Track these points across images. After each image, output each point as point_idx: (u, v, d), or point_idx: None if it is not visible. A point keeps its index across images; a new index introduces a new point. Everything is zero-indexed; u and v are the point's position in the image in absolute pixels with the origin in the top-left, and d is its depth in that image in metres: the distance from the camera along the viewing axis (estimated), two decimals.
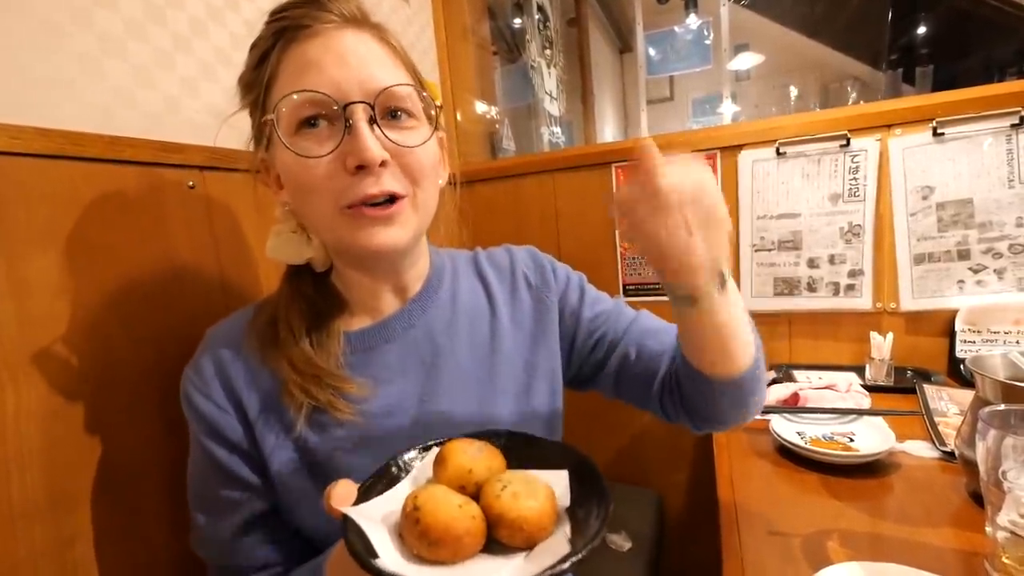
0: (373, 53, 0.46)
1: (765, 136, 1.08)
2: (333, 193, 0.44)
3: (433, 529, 0.31)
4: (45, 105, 0.53)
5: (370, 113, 0.44)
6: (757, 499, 0.67)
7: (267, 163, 0.50)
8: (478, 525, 0.33)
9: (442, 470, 0.37)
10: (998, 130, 0.91)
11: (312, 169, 0.44)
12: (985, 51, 2.74)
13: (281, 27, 0.45)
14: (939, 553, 0.53)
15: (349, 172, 0.43)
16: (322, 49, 0.44)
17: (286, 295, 0.53)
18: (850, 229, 1.05)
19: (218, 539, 0.50)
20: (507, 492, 0.34)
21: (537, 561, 0.32)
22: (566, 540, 0.33)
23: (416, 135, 0.47)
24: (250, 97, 0.49)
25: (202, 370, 0.50)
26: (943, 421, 0.78)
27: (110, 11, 0.59)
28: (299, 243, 0.52)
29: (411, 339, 0.54)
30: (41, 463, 0.51)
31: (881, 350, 0.98)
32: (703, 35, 3.14)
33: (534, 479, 0.37)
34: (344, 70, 0.44)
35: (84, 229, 0.55)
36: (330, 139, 0.44)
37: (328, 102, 0.43)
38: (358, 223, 0.45)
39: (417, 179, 0.47)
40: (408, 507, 0.32)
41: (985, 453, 0.47)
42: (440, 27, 1.38)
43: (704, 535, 1.22)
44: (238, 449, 0.49)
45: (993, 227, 0.95)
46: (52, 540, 0.51)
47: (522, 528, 0.33)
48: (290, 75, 0.45)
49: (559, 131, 2.45)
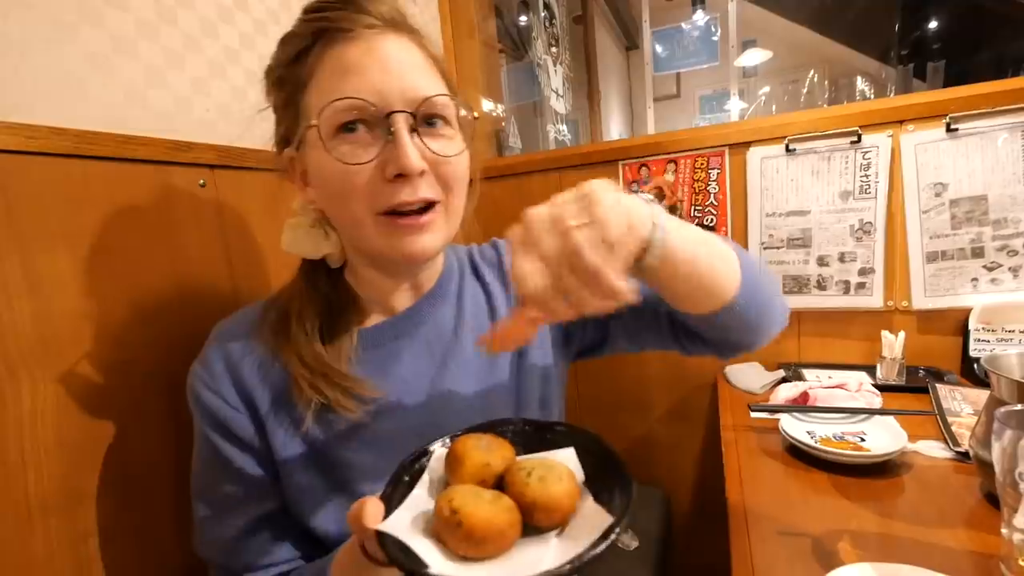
0: (414, 60, 0.46)
1: (774, 133, 1.07)
2: (369, 198, 0.44)
3: (477, 529, 0.32)
4: (58, 105, 0.53)
5: (411, 122, 0.44)
6: (766, 499, 0.66)
7: (293, 161, 0.50)
8: (516, 516, 0.34)
9: (460, 468, 0.37)
10: (1014, 125, 0.90)
11: (351, 175, 0.44)
12: (998, 46, 2.70)
13: (321, 27, 0.45)
14: (953, 555, 0.52)
15: (387, 179, 0.44)
16: (364, 54, 0.44)
17: (301, 290, 0.53)
18: (861, 227, 1.04)
19: (223, 539, 0.50)
20: (534, 478, 0.35)
21: (578, 536, 0.33)
22: (599, 510, 0.35)
23: (453, 145, 0.47)
24: (282, 94, 0.48)
25: (211, 365, 0.50)
26: (956, 421, 0.77)
27: (121, 11, 0.59)
28: (317, 238, 0.52)
29: (421, 335, 0.54)
30: (57, 460, 0.51)
31: (893, 349, 0.96)
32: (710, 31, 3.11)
33: (551, 461, 0.38)
34: (387, 77, 0.43)
35: (97, 227, 0.55)
36: (370, 145, 0.44)
37: (371, 109, 0.43)
38: (392, 231, 0.45)
39: (451, 187, 0.47)
40: (445, 512, 0.33)
41: (1001, 454, 0.47)
42: (447, 24, 1.38)
43: (712, 534, 1.22)
44: (248, 446, 0.50)
45: (1008, 224, 0.93)
46: (67, 535, 0.52)
47: (558, 509, 0.34)
48: (330, 78, 0.44)
49: (565, 129, 2.44)
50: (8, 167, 0.48)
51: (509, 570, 0.31)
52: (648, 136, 1.27)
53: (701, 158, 1.14)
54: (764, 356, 1.15)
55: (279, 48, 0.48)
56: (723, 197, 1.14)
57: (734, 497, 0.67)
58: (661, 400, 1.28)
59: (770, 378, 1.04)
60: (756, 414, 0.87)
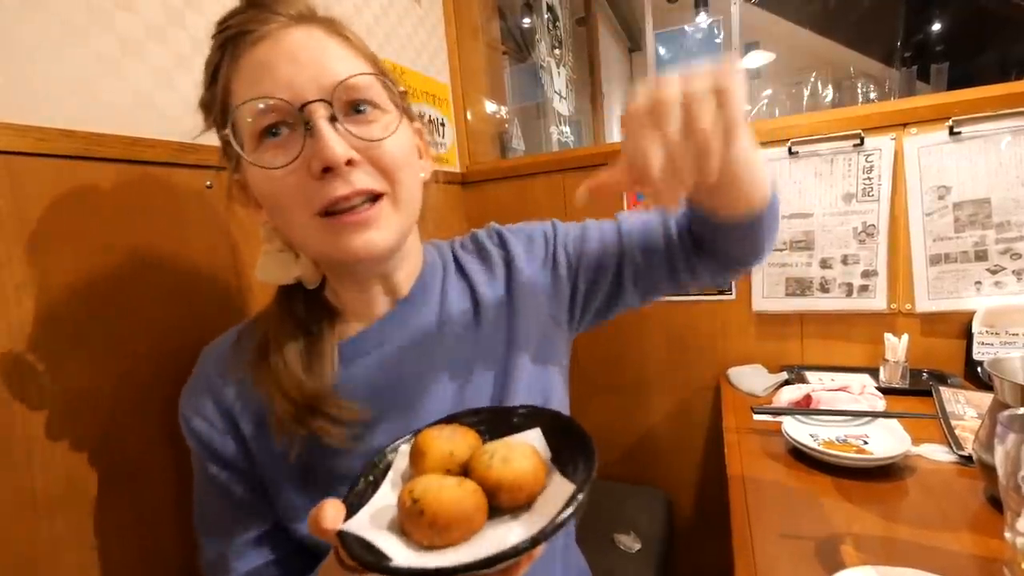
0: (325, 46, 0.43)
1: (777, 135, 1.07)
2: (304, 201, 0.42)
3: (441, 515, 0.31)
4: (67, 107, 0.54)
5: (330, 111, 0.41)
6: (769, 501, 0.66)
7: (242, 183, 0.48)
8: (481, 498, 0.33)
9: (423, 460, 0.37)
10: (1017, 128, 0.90)
11: (279, 180, 0.41)
12: (1002, 48, 2.69)
13: (225, 37, 0.43)
14: (956, 558, 0.52)
15: (315, 176, 0.41)
16: (271, 51, 0.42)
17: (276, 317, 0.51)
18: (864, 229, 1.04)
19: (220, 558, 0.50)
20: (496, 459, 0.35)
21: (545, 511, 0.33)
22: (565, 483, 0.35)
23: (383, 127, 0.44)
24: (210, 118, 0.46)
25: (197, 390, 0.50)
26: (960, 424, 0.77)
27: (130, 13, 0.60)
28: (286, 262, 0.51)
29: (405, 341, 0.53)
30: (63, 458, 0.52)
31: (896, 352, 0.96)
32: (713, 34, 3.11)
33: (514, 443, 0.38)
34: (296, 68, 0.41)
35: (104, 229, 0.56)
36: (293, 145, 0.41)
37: (284, 106, 0.41)
38: (335, 230, 0.42)
39: (392, 174, 0.44)
40: (407, 503, 0.32)
41: (1004, 457, 0.47)
42: (451, 27, 1.39)
43: (714, 536, 1.22)
44: (237, 470, 0.49)
45: (1011, 227, 0.93)
46: (72, 531, 0.52)
47: (522, 487, 0.34)
48: (243, 84, 0.42)
49: (568, 131, 2.44)
50: (18, 168, 0.48)
51: (473, 552, 0.30)
52: None
53: None
54: (767, 358, 1.15)
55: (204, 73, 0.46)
56: None
57: (736, 499, 0.67)
58: (663, 402, 1.29)
59: (773, 380, 1.04)
60: (759, 416, 0.87)
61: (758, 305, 1.14)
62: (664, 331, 1.25)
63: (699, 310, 1.21)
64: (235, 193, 0.49)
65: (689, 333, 1.23)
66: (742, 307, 1.16)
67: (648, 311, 1.25)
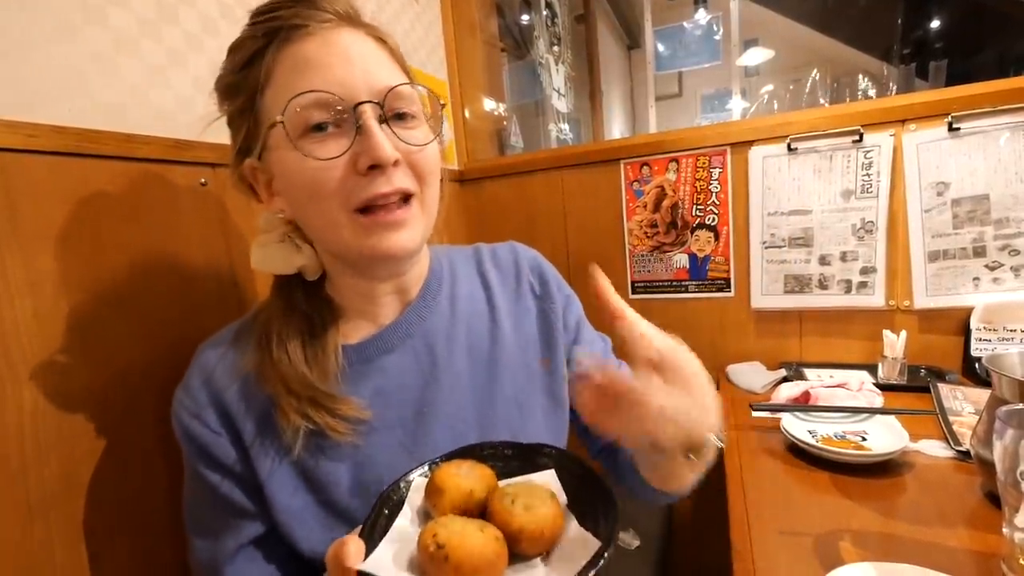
0: (372, 52, 0.45)
1: (776, 132, 1.06)
2: (342, 195, 0.43)
3: (467, 562, 0.31)
4: (60, 103, 0.53)
5: (379, 112, 0.43)
6: (768, 498, 0.66)
7: (256, 171, 0.48)
8: (503, 546, 0.33)
9: (441, 499, 0.37)
10: (1015, 125, 0.90)
11: (323, 172, 0.42)
12: (1000, 45, 2.69)
13: (274, 27, 0.43)
14: (954, 554, 0.52)
15: (360, 172, 0.42)
16: (322, 48, 0.43)
17: (278, 309, 0.50)
18: (863, 226, 1.03)
19: (212, 562, 0.49)
20: (519, 505, 0.35)
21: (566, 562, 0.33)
22: (584, 535, 0.34)
23: (422, 134, 0.46)
24: (237, 101, 0.46)
25: (193, 392, 0.48)
26: (958, 420, 0.77)
27: (124, 10, 0.59)
28: (288, 252, 0.50)
29: (409, 349, 0.52)
30: (57, 456, 0.51)
31: (894, 348, 0.96)
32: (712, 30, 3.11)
33: (534, 485, 0.38)
34: (350, 68, 0.43)
35: (98, 227, 0.55)
36: (341, 140, 0.42)
37: (337, 102, 0.42)
38: (369, 229, 0.44)
39: (424, 178, 0.46)
40: (430, 547, 0.32)
41: (1002, 453, 0.47)
42: (448, 24, 1.38)
43: (713, 533, 1.22)
44: (232, 473, 0.48)
45: (1010, 223, 0.93)
46: (66, 531, 0.52)
47: (543, 535, 0.34)
48: (290, 76, 0.43)
49: (567, 128, 2.44)
50: (9, 165, 0.48)
51: None
52: (650, 135, 1.27)
53: (703, 157, 1.14)
54: (765, 355, 1.15)
55: (229, 56, 0.47)
56: (725, 196, 1.14)
57: (735, 496, 0.67)
58: None
59: (771, 377, 1.04)
60: (757, 413, 0.87)
61: (757, 302, 1.14)
62: (663, 328, 1.23)
63: (697, 307, 1.21)
64: (247, 179, 0.49)
65: (688, 330, 1.22)
66: (741, 304, 1.16)
67: (646, 308, 1.25)
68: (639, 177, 1.20)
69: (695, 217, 1.17)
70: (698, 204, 1.16)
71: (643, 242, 1.23)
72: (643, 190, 1.20)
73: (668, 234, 1.20)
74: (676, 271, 1.21)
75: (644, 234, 1.22)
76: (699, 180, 1.15)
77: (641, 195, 1.21)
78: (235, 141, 0.48)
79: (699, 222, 1.17)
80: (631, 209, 1.22)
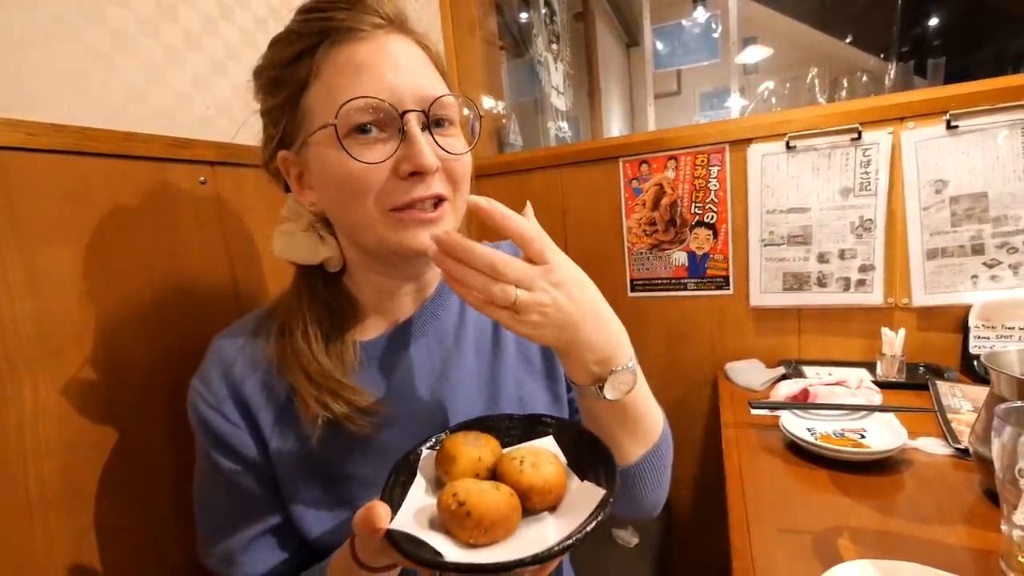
0: (419, 60, 0.47)
1: (774, 130, 1.06)
2: (381, 196, 0.44)
3: (487, 516, 0.34)
4: (59, 101, 0.53)
5: (423, 120, 0.45)
6: (767, 496, 0.66)
7: (289, 164, 0.49)
8: (517, 500, 0.36)
9: (454, 465, 0.39)
10: (1014, 122, 0.90)
11: (367, 174, 0.43)
12: (999, 42, 2.69)
13: (326, 27, 0.44)
14: (952, 551, 0.53)
15: (402, 177, 0.44)
16: (375, 53, 0.44)
17: (301, 299, 0.52)
18: (861, 224, 1.04)
19: (225, 550, 0.50)
20: (527, 465, 0.38)
21: (573, 512, 0.36)
22: (588, 486, 0.38)
23: (459, 143, 0.48)
24: (280, 94, 0.47)
25: (212, 383, 0.49)
26: (956, 418, 0.78)
27: (122, 8, 0.59)
28: (313, 242, 0.52)
29: (423, 346, 0.54)
30: (58, 457, 0.51)
31: (893, 346, 0.97)
32: (711, 28, 3.10)
33: (537, 448, 0.42)
34: (399, 75, 0.44)
35: (97, 225, 0.55)
36: (384, 144, 0.44)
37: (386, 108, 0.43)
38: (403, 224, 0.45)
39: (459, 184, 0.48)
40: (452, 505, 0.35)
41: (1001, 450, 0.47)
42: (447, 22, 1.38)
43: (712, 531, 1.22)
44: (249, 463, 0.49)
45: (1008, 221, 0.93)
46: (68, 530, 0.52)
47: (551, 490, 0.38)
48: (340, 77, 0.44)
49: (566, 126, 2.43)
50: (9, 164, 0.48)
51: (518, 550, 0.33)
52: (648, 133, 1.27)
53: (702, 155, 1.14)
54: (764, 353, 1.15)
55: (273, 48, 0.48)
56: (723, 194, 1.14)
57: (734, 494, 0.67)
58: (662, 397, 1.27)
59: (770, 375, 1.04)
60: (756, 411, 0.87)
61: (756, 300, 1.14)
62: (662, 326, 1.25)
63: (697, 305, 1.21)
64: (280, 169, 0.50)
65: (687, 328, 1.23)
66: (740, 302, 1.16)
67: (645, 306, 1.25)
68: (638, 175, 1.20)
69: (694, 215, 1.17)
70: (697, 202, 1.16)
71: (642, 240, 1.23)
72: (642, 188, 1.20)
73: (667, 232, 1.20)
74: (675, 269, 1.21)
75: (643, 232, 1.22)
76: (698, 178, 1.15)
77: (640, 193, 1.21)
78: (270, 132, 0.49)
79: (698, 220, 1.17)
80: (630, 207, 1.22)
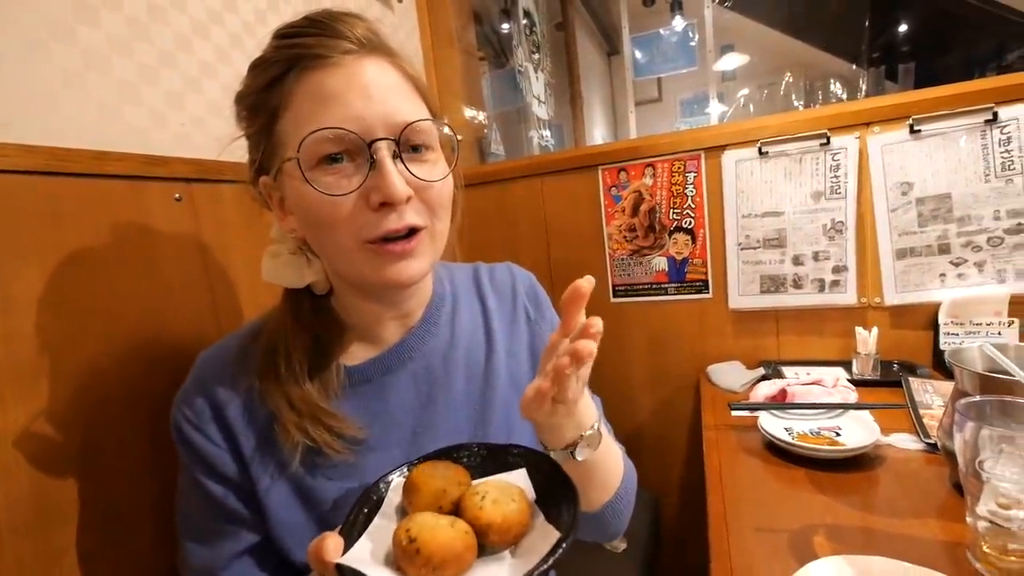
0: (394, 83, 0.45)
1: (747, 136, 1.09)
2: (353, 228, 0.43)
3: (436, 554, 0.33)
4: (30, 122, 0.53)
5: (394, 149, 0.43)
6: (746, 496, 0.67)
7: (270, 189, 0.48)
8: (472, 539, 0.35)
9: (417, 497, 0.39)
10: (972, 126, 0.93)
11: (334, 206, 0.42)
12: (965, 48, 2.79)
13: (296, 54, 0.43)
14: (924, 544, 0.54)
15: (372, 208, 0.43)
16: (344, 81, 0.43)
17: (286, 324, 0.51)
18: (833, 226, 1.06)
19: (208, 568, 0.50)
20: (488, 501, 0.37)
21: (531, 553, 0.35)
22: (548, 527, 0.36)
23: (437, 169, 0.47)
24: (256, 121, 0.46)
25: (195, 403, 0.49)
26: (928, 413, 0.80)
27: (92, 28, 0.59)
28: (299, 265, 0.51)
29: (409, 372, 0.54)
30: (29, 479, 0.50)
31: (867, 344, 0.99)
32: (688, 37, 3.17)
33: (504, 483, 0.40)
34: (368, 104, 0.42)
35: (70, 245, 0.55)
36: (353, 175, 0.43)
37: (353, 139, 0.42)
38: (379, 258, 0.44)
39: (436, 211, 0.47)
40: (403, 541, 0.34)
41: (963, 444, 0.48)
42: (426, 33, 1.39)
43: (698, 535, 1.23)
44: (231, 484, 0.49)
45: (972, 221, 0.96)
46: (40, 554, 0.51)
47: (510, 530, 0.36)
48: (308, 107, 0.43)
49: (549, 134, 2.46)
50: None
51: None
52: (627, 141, 1.29)
53: (678, 162, 1.16)
54: (744, 355, 1.17)
55: (250, 74, 0.47)
56: (700, 200, 1.16)
57: (714, 495, 0.68)
58: (645, 402, 1.30)
59: (751, 376, 1.06)
60: (736, 412, 0.88)
61: (734, 303, 1.16)
62: (644, 331, 1.26)
63: (677, 309, 1.22)
64: (263, 194, 0.49)
65: (668, 332, 1.24)
66: (719, 305, 1.18)
67: (627, 311, 1.27)
68: (617, 183, 1.22)
69: (672, 220, 1.19)
70: (675, 208, 1.18)
71: (622, 246, 1.24)
72: (621, 195, 1.22)
73: (646, 238, 1.22)
74: (655, 274, 1.23)
75: (623, 238, 1.24)
76: (675, 184, 1.18)
77: (619, 200, 1.23)
78: (253, 156, 0.49)
79: (676, 225, 1.19)
80: (610, 214, 1.24)
